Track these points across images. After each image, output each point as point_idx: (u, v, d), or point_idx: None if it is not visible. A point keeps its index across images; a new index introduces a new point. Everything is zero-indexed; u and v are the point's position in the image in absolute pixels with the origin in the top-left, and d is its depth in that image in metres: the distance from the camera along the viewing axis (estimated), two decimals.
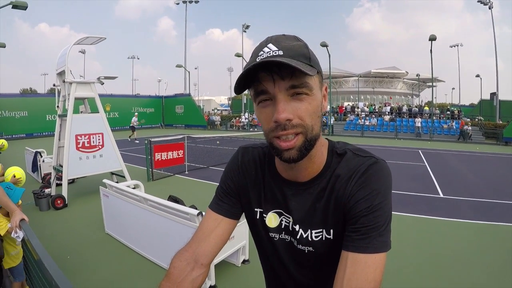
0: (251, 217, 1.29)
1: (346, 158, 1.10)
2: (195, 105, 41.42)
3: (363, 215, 0.97)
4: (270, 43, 0.95)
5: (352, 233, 0.98)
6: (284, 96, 0.93)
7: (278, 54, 0.91)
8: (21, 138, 26.57)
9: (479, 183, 10.80)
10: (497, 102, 34.00)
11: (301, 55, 0.93)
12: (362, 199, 0.99)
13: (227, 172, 1.33)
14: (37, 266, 2.45)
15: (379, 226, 0.96)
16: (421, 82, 65.42)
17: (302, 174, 1.12)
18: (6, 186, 3.30)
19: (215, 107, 62.36)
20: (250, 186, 1.27)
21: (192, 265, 1.17)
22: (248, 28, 46.72)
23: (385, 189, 1.01)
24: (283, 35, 0.99)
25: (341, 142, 1.19)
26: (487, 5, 37.44)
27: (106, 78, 8.59)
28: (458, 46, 59.29)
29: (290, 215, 1.17)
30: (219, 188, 1.32)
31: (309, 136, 0.97)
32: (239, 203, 1.30)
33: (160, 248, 4.70)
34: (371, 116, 33.97)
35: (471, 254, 5.26)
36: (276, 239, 1.22)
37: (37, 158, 10.25)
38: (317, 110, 0.98)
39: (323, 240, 1.11)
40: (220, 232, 1.24)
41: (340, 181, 1.06)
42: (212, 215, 1.26)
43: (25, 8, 17.46)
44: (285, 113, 0.92)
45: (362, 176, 1.02)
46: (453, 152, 19.43)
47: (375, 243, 0.94)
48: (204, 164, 12.95)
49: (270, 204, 1.22)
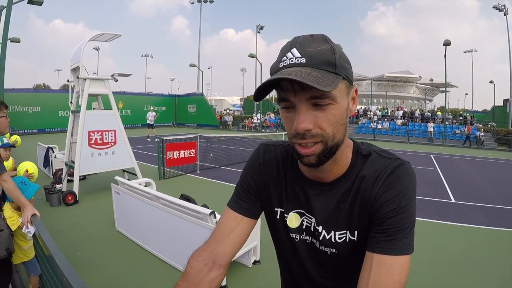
0: (271, 217, 1.25)
1: (371, 159, 1.07)
2: (207, 104, 41.53)
3: (390, 217, 0.96)
4: (294, 48, 0.92)
5: (378, 234, 0.97)
6: (305, 106, 0.91)
7: (300, 62, 0.89)
8: (34, 133, 26.76)
9: (490, 189, 10.68)
10: (510, 108, 33.84)
11: (326, 62, 0.89)
12: (388, 201, 0.97)
13: (248, 169, 1.28)
14: (47, 262, 2.42)
15: (404, 228, 0.95)
16: (434, 87, 65.13)
17: (326, 174, 1.08)
18: (21, 181, 3.26)
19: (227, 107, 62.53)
20: (272, 185, 1.22)
21: (210, 266, 1.13)
22: (262, 29, 46.87)
23: (410, 192, 0.99)
24: (311, 36, 0.95)
25: (365, 143, 1.16)
26: (502, 11, 37.27)
27: (120, 75, 8.59)
28: (472, 51, 58.88)
29: (312, 216, 1.13)
30: (239, 186, 1.27)
31: (329, 144, 0.95)
32: (260, 202, 1.25)
33: (171, 246, 4.66)
34: (383, 119, 33.78)
35: (483, 259, 5.20)
36: (297, 240, 1.19)
37: (49, 154, 10.29)
38: (341, 118, 0.95)
39: (347, 241, 1.09)
40: (239, 232, 1.20)
41: (366, 182, 1.04)
42: (232, 214, 1.22)
43: (40, 4, 17.61)
44: (304, 123, 0.90)
45: (388, 177, 1.01)
46: (465, 157, 19.29)
47: (400, 245, 0.93)
48: (216, 164, 12.91)
49: (292, 204, 1.18)
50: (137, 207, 5.18)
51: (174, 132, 29.44)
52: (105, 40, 8.64)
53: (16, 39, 26.45)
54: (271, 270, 4.55)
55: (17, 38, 26.59)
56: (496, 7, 37.84)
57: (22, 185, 3.20)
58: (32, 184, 3.35)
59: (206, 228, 3.93)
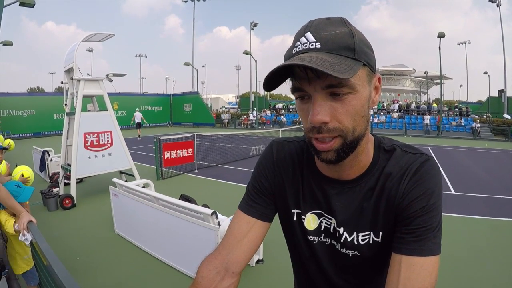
0: (287, 219, 1.16)
1: (395, 155, 1.00)
2: (203, 103, 41.53)
3: (418, 216, 0.90)
4: (309, 32, 0.83)
5: (406, 234, 0.91)
6: (321, 96, 0.83)
7: (314, 47, 0.81)
8: (29, 137, 26.67)
9: (489, 179, 10.72)
10: (505, 99, 34.02)
11: (344, 47, 0.80)
12: (417, 199, 0.91)
13: (260, 169, 1.18)
14: (46, 271, 2.34)
15: (433, 227, 0.90)
16: (429, 80, 65.28)
17: (347, 172, 1.00)
18: (15, 184, 3.19)
19: (223, 105, 62.46)
20: (287, 185, 1.13)
21: (222, 274, 1.05)
22: (256, 26, 46.70)
23: (438, 189, 0.93)
24: (327, 19, 0.86)
25: (387, 137, 1.08)
26: (495, 3, 37.44)
27: (115, 75, 8.48)
28: (466, 43, 58.98)
29: (332, 217, 1.05)
30: (251, 187, 1.18)
31: (349, 139, 0.87)
32: (274, 203, 1.17)
33: (172, 248, 4.58)
34: (379, 113, 33.79)
35: (484, 250, 5.22)
36: (315, 242, 1.11)
37: (44, 157, 10.16)
38: (361, 109, 0.86)
39: (370, 243, 1.02)
40: (253, 237, 1.11)
41: (391, 180, 0.96)
42: (244, 217, 1.13)
43: (32, 6, 17.40)
44: (319, 115, 0.83)
45: (415, 174, 0.94)
46: (462, 149, 19.39)
47: (430, 246, 0.88)
48: (214, 162, 12.83)
49: (309, 204, 1.10)
50: (136, 209, 5.09)
51: (170, 131, 29.38)
52: (99, 40, 8.51)
53: (8, 42, 26.38)
54: (274, 269, 4.50)
55: (10, 42, 26.52)
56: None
57: (17, 188, 3.14)
58: (27, 187, 3.29)
59: (208, 228, 3.87)
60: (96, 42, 8.66)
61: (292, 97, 1.78)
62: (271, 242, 4.54)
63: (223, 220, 4.05)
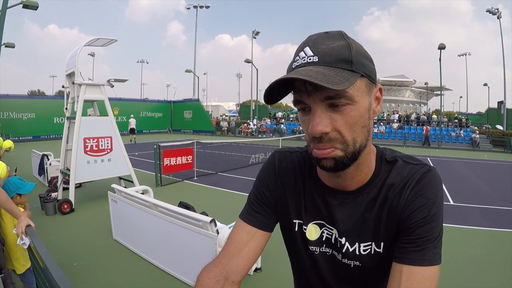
0: (289, 229, 1.16)
1: (397, 166, 1.01)
2: (203, 110, 41.67)
3: (420, 226, 0.91)
4: (307, 46, 0.86)
5: (407, 244, 0.92)
6: (320, 107, 0.85)
7: (312, 61, 0.84)
8: (28, 140, 26.66)
9: (488, 190, 10.72)
10: (504, 110, 34.08)
11: (340, 59, 0.82)
12: (418, 209, 0.93)
13: (262, 179, 1.19)
14: (43, 274, 2.32)
15: (434, 237, 0.91)
16: (429, 91, 65.41)
17: (349, 182, 1.01)
18: (19, 178, 3.44)
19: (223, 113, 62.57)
20: (289, 195, 1.14)
21: (221, 283, 1.05)
22: (258, 34, 46.91)
23: (440, 199, 0.95)
24: (326, 33, 0.88)
25: (388, 149, 1.09)
26: (495, 15, 37.67)
27: (116, 81, 8.50)
28: (466, 55, 59.24)
29: (334, 227, 1.06)
30: (253, 197, 1.19)
31: (349, 150, 0.88)
32: (275, 213, 1.17)
33: (170, 255, 4.56)
34: (379, 123, 33.83)
35: (484, 260, 5.21)
36: (317, 252, 1.11)
37: (44, 161, 10.14)
38: (361, 120, 0.87)
39: (372, 253, 1.02)
40: (253, 246, 1.11)
41: (393, 191, 0.97)
42: (245, 227, 1.13)
43: (35, 8, 17.49)
44: (319, 126, 0.84)
45: (417, 184, 0.95)
46: (462, 160, 19.39)
47: (430, 255, 0.89)
48: (213, 170, 12.80)
49: (311, 214, 1.11)
50: (135, 216, 5.07)
51: (170, 138, 29.42)
52: (101, 45, 8.54)
53: (10, 44, 26.40)
54: (272, 277, 4.48)
55: (12, 43, 26.54)
56: (490, 10, 38.24)
57: (21, 181, 3.40)
58: (29, 183, 3.49)
59: (206, 236, 3.85)
60: (98, 47, 8.67)
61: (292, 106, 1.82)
62: (270, 251, 4.52)
63: (221, 228, 4.03)
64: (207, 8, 50.49)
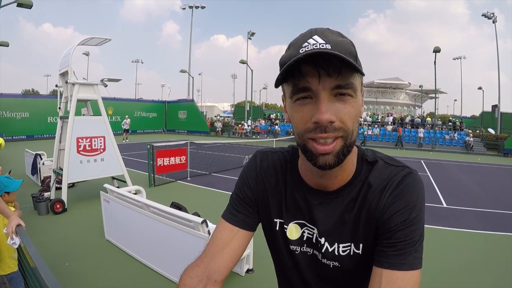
0: (270, 228, 1.17)
1: (377, 167, 1.01)
2: (198, 111, 41.51)
3: (399, 229, 0.91)
4: (316, 35, 0.84)
5: (386, 248, 0.92)
6: (328, 95, 0.84)
7: (326, 47, 0.80)
8: (22, 140, 26.45)
9: (481, 193, 10.81)
10: (498, 114, 34.27)
11: (349, 52, 0.82)
12: (397, 212, 0.92)
13: (244, 178, 1.20)
14: (33, 274, 2.32)
15: (414, 241, 0.90)
16: (424, 94, 65.72)
17: (331, 181, 1.01)
18: (5, 176, 3.41)
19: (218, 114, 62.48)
20: (270, 194, 1.15)
21: (204, 283, 1.05)
22: (253, 35, 46.93)
23: (420, 202, 0.94)
24: (328, 29, 0.89)
25: (370, 149, 1.09)
26: (491, 19, 37.91)
27: (109, 80, 8.46)
28: (461, 58, 59.57)
29: (314, 227, 1.06)
30: (234, 196, 1.19)
31: (348, 141, 0.87)
32: (257, 213, 1.18)
33: (162, 256, 4.55)
34: (373, 125, 33.93)
35: (476, 263, 5.25)
36: (297, 252, 1.12)
37: (37, 161, 10.08)
38: (358, 114, 0.89)
39: (351, 255, 1.02)
40: (235, 246, 1.12)
41: (372, 192, 0.97)
42: (227, 226, 1.14)
43: (30, 7, 17.36)
44: (328, 114, 0.82)
45: (397, 187, 0.95)
46: (455, 162, 19.57)
47: (411, 260, 0.89)
48: (207, 171, 12.78)
49: (292, 214, 1.11)
50: (127, 216, 5.06)
51: (164, 138, 29.35)
52: (95, 44, 8.49)
53: (4, 43, 26.22)
54: (264, 278, 4.49)
55: (6, 42, 26.36)
56: (485, 15, 38.48)
57: (7, 179, 3.35)
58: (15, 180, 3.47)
59: (197, 237, 3.85)
60: (93, 46, 8.64)
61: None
62: (261, 251, 4.54)
63: (213, 229, 4.03)
64: (202, 8, 50.39)
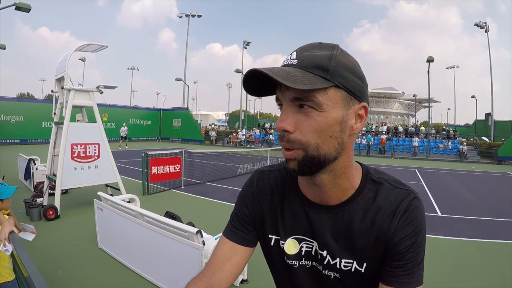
0: (266, 244, 1.20)
1: (384, 188, 1.03)
2: (192, 119, 41.59)
3: (409, 252, 0.96)
4: (295, 51, 0.91)
5: (395, 269, 0.97)
6: (290, 106, 0.89)
7: (291, 63, 0.88)
8: (15, 144, 26.39)
9: (476, 201, 10.89)
10: (491, 122, 34.62)
11: (316, 66, 0.85)
12: (407, 236, 0.97)
13: (242, 197, 1.25)
14: (25, 283, 2.29)
15: (419, 261, 0.97)
16: (417, 103, 66.06)
17: (328, 195, 1.02)
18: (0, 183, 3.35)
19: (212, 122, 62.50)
20: (266, 212, 1.18)
21: None
22: (248, 44, 47.22)
23: (424, 225, 1.00)
24: (319, 43, 0.91)
25: (373, 168, 1.11)
26: (483, 29, 38.40)
27: (105, 87, 8.45)
28: (454, 67, 60.10)
29: (314, 240, 1.08)
30: (234, 215, 1.25)
31: (310, 153, 0.89)
32: (254, 230, 1.22)
33: (156, 265, 4.51)
34: (367, 135, 34.04)
35: (471, 271, 5.28)
36: (296, 266, 1.13)
37: (30, 166, 10.01)
38: (328, 129, 0.87)
39: (352, 271, 1.04)
40: (235, 261, 1.16)
41: (382, 215, 1.00)
42: (227, 243, 1.19)
43: (28, 10, 17.37)
44: (283, 122, 0.88)
45: (405, 212, 0.99)
46: (449, 171, 19.73)
47: (416, 277, 0.96)
48: (201, 180, 12.76)
49: (289, 229, 1.13)
50: (121, 224, 5.03)
51: (158, 146, 29.29)
52: (92, 51, 8.50)
53: (1, 45, 26.13)
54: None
55: (3, 45, 26.27)
56: (478, 24, 39.05)
57: (1, 186, 3.29)
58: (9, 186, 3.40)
59: (192, 247, 3.82)
60: (89, 52, 8.64)
61: None
62: (256, 262, 4.49)
63: (208, 239, 4.01)
64: (199, 17, 50.72)
